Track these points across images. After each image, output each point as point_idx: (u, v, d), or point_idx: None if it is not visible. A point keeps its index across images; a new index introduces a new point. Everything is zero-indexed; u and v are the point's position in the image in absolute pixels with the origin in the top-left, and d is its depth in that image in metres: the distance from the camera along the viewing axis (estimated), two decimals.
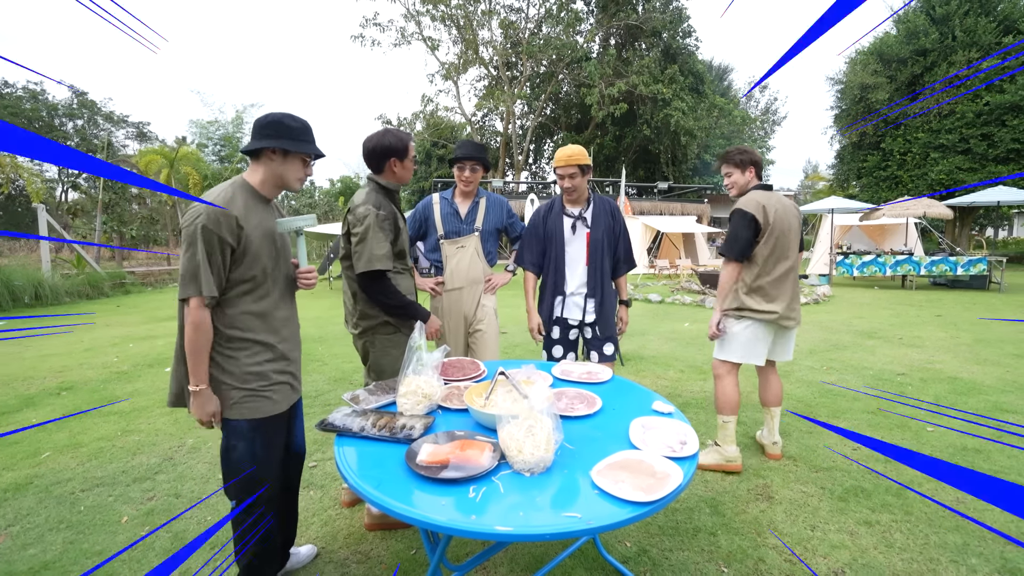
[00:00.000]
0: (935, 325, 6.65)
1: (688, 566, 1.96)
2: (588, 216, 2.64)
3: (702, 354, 5.20)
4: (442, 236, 2.68)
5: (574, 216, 2.64)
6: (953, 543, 2.07)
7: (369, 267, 1.99)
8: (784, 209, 2.61)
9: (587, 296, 2.63)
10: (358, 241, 2.01)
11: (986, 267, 10.26)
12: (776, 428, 2.83)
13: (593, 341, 2.70)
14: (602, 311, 2.64)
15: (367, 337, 2.19)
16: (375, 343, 2.18)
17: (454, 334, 2.68)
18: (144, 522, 2.31)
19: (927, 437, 3.07)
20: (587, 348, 2.74)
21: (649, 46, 26.03)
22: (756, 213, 2.53)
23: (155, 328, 7.03)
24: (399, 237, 2.15)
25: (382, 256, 2.00)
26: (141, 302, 10.27)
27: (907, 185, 17.69)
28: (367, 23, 25.29)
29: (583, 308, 2.64)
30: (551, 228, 2.65)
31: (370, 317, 2.14)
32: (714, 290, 10.20)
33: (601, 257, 2.62)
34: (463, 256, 2.65)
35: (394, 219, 2.11)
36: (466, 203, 2.71)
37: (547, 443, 1.31)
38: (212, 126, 18.80)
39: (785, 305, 2.60)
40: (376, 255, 1.99)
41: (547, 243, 2.67)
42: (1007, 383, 4.07)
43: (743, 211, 2.56)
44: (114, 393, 4.16)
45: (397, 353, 2.10)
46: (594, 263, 2.62)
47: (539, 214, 2.72)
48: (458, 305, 2.67)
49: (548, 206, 2.71)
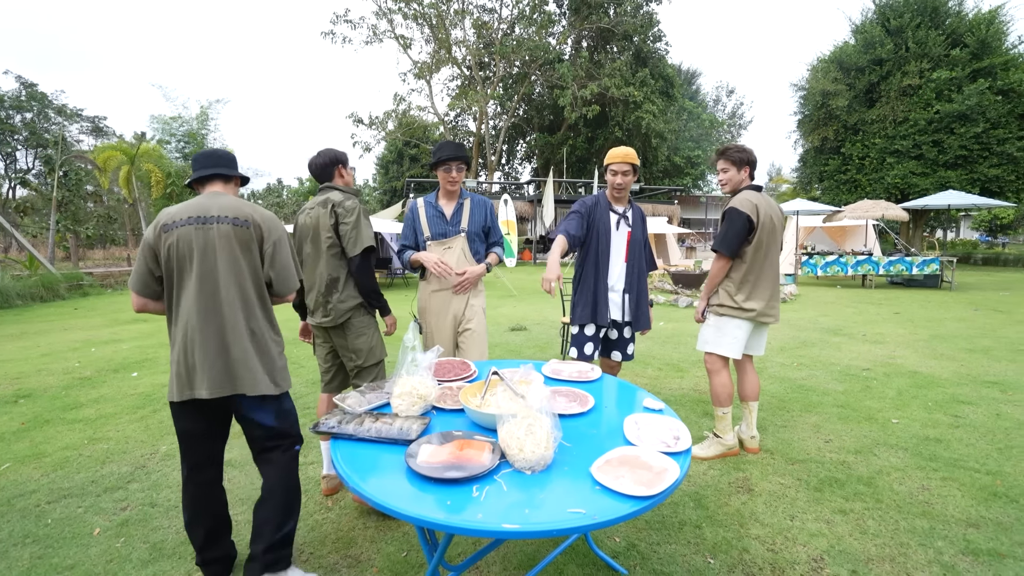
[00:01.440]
0: (894, 322, 6.98)
1: (676, 558, 2.01)
2: (630, 216, 2.77)
3: (678, 352, 5.32)
4: (429, 238, 2.68)
5: (619, 213, 2.75)
6: (921, 528, 2.18)
7: (365, 244, 2.31)
8: (771, 210, 2.72)
9: (624, 291, 2.75)
10: (352, 228, 2.30)
11: (938, 267, 10.83)
12: (754, 422, 2.93)
13: (620, 342, 2.84)
14: (638, 310, 2.79)
15: (343, 320, 2.38)
16: (351, 326, 2.40)
17: (444, 333, 2.67)
18: (119, 533, 2.22)
19: (892, 428, 3.23)
20: (611, 348, 2.85)
21: (620, 50, 26.44)
22: (751, 213, 2.64)
23: (119, 331, 6.74)
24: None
25: (369, 236, 2.35)
26: (100, 304, 9.83)
27: (865, 188, 18.49)
28: (338, 19, 24.87)
29: (621, 306, 2.75)
30: (597, 219, 2.72)
31: (351, 299, 2.39)
32: (687, 289, 10.45)
33: (639, 256, 2.79)
34: (450, 257, 2.64)
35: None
36: (451, 204, 2.70)
37: (547, 441, 1.32)
38: (175, 122, 18.09)
39: (765, 303, 2.72)
40: (368, 235, 2.34)
41: (590, 232, 2.73)
42: (962, 376, 4.32)
43: (739, 210, 2.66)
44: (78, 400, 3.98)
45: (370, 333, 2.45)
46: (632, 261, 2.76)
47: (585, 204, 2.76)
48: (447, 305, 2.67)
49: (594, 200, 2.77)
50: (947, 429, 3.20)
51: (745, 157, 2.75)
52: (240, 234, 1.77)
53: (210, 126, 18.79)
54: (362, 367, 2.44)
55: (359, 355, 2.42)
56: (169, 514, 2.37)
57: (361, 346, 2.42)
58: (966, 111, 16.17)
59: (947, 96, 16.74)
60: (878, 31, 18.15)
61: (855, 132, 19.02)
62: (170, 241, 1.72)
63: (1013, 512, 2.29)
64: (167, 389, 1.81)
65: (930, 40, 17.10)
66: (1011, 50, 17.12)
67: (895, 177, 17.63)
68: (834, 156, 19.72)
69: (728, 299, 2.76)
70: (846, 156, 19.21)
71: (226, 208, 1.77)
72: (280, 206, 37.42)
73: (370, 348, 2.44)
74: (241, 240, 1.77)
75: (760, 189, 2.78)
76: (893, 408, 3.58)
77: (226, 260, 1.74)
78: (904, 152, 17.57)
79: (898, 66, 17.73)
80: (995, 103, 15.95)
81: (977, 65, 16.50)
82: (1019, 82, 15.87)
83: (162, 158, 17.36)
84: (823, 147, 20.15)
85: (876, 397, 3.81)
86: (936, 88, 16.84)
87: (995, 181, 16.48)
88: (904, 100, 17.56)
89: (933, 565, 1.95)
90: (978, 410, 3.52)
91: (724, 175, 2.80)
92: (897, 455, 2.86)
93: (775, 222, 2.74)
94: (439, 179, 2.66)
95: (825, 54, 20.00)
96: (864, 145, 18.61)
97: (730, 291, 2.76)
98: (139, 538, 2.19)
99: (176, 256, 1.72)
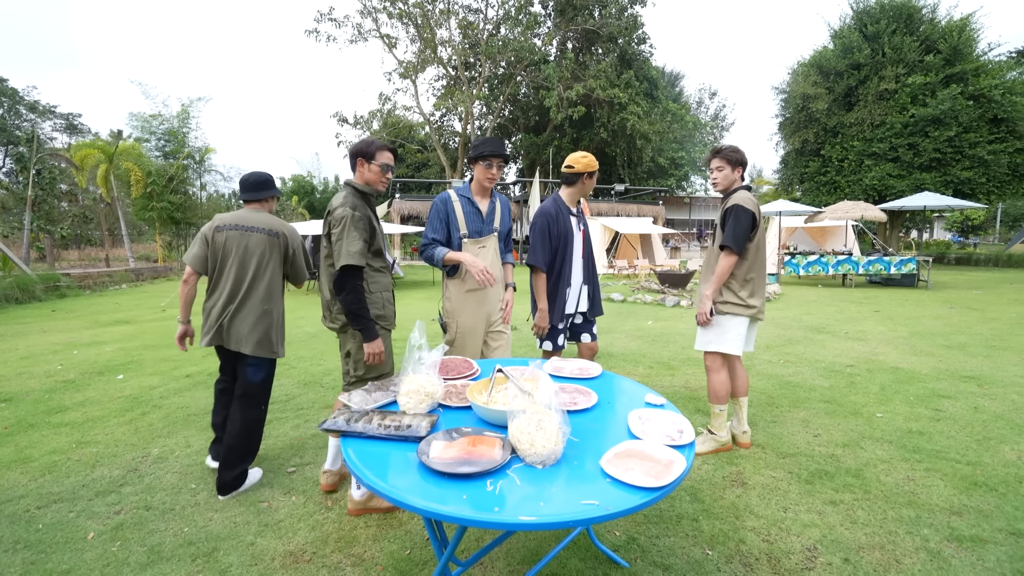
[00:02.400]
0: (875, 320, 7.17)
1: (675, 550, 2.06)
2: (580, 214, 2.95)
3: (667, 351, 5.40)
4: (465, 235, 2.59)
5: (575, 215, 2.91)
6: (907, 516, 2.26)
7: (343, 262, 2.14)
8: (759, 211, 2.80)
9: (583, 283, 2.92)
10: (336, 239, 2.20)
11: (915, 266, 11.14)
12: (745, 418, 3.00)
13: (584, 325, 3.01)
14: (593, 297, 2.98)
15: (347, 331, 2.32)
16: (356, 336, 2.30)
17: (474, 334, 2.63)
18: (114, 537, 2.19)
19: (877, 423, 3.33)
20: (579, 332, 3.02)
21: (605, 51, 26.62)
22: (755, 211, 2.73)
23: (101, 333, 6.59)
24: (375, 237, 2.32)
25: (355, 253, 2.16)
26: (79, 306, 9.59)
27: (844, 190, 18.92)
28: (322, 18, 24.61)
29: (577, 297, 2.92)
30: (563, 227, 2.84)
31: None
32: (673, 289, 10.57)
33: (591, 251, 2.98)
34: (485, 256, 2.62)
35: (368, 220, 2.28)
36: (485, 201, 2.68)
37: (557, 436, 1.35)
38: (155, 120, 17.71)
39: (762, 300, 2.83)
40: (350, 251, 2.15)
41: (558, 243, 2.82)
42: (941, 372, 4.46)
43: (745, 208, 2.70)
44: (62, 403, 3.89)
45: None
46: (587, 256, 2.94)
47: (550, 215, 2.82)
48: (483, 304, 2.64)
49: (554, 207, 2.84)
50: (929, 422, 3.31)
51: (738, 157, 2.80)
52: (272, 242, 2.54)
53: (191, 124, 18.45)
54: (362, 377, 2.34)
55: (357, 367, 2.33)
56: (165, 517, 2.33)
57: (361, 357, 2.32)
58: (940, 115, 16.65)
59: (922, 100, 17.22)
60: (856, 36, 18.59)
61: (834, 135, 19.45)
62: (220, 239, 2.49)
63: (993, 500, 2.39)
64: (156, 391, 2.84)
65: (905, 46, 17.57)
66: (981, 56, 17.68)
67: (873, 179, 18.07)
68: (814, 158, 20.13)
69: (733, 296, 2.80)
70: (826, 158, 19.63)
71: (262, 222, 2.55)
72: None
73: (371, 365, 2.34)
74: (271, 246, 2.54)
75: (749, 188, 2.85)
76: (877, 403, 3.69)
77: (256, 259, 2.50)
78: (881, 154, 18.02)
79: (875, 71, 18.17)
80: (967, 108, 16.44)
81: (950, 71, 17.00)
82: (989, 88, 16.39)
83: (142, 157, 16.98)
84: (804, 149, 20.56)
85: (860, 392, 3.92)
86: (911, 93, 17.31)
87: (967, 183, 16.99)
88: (881, 104, 18.01)
89: (920, 552, 2.02)
90: (957, 404, 3.65)
91: (719, 174, 2.83)
92: (883, 448, 2.95)
93: (762, 220, 2.84)
94: (477, 174, 2.57)
95: (805, 58, 20.40)
96: (843, 147, 19.03)
97: (734, 289, 2.81)
98: (136, 541, 2.16)
99: (223, 249, 2.50)
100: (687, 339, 5.95)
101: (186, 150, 17.99)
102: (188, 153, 18.06)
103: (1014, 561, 1.95)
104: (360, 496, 2.28)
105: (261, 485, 2.61)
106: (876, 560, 1.98)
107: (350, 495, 2.31)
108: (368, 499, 2.29)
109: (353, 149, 2.31)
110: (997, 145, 16.46)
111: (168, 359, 5.19)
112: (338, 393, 3.83)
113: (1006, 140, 16.53)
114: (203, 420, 3.50)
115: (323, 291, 2.39)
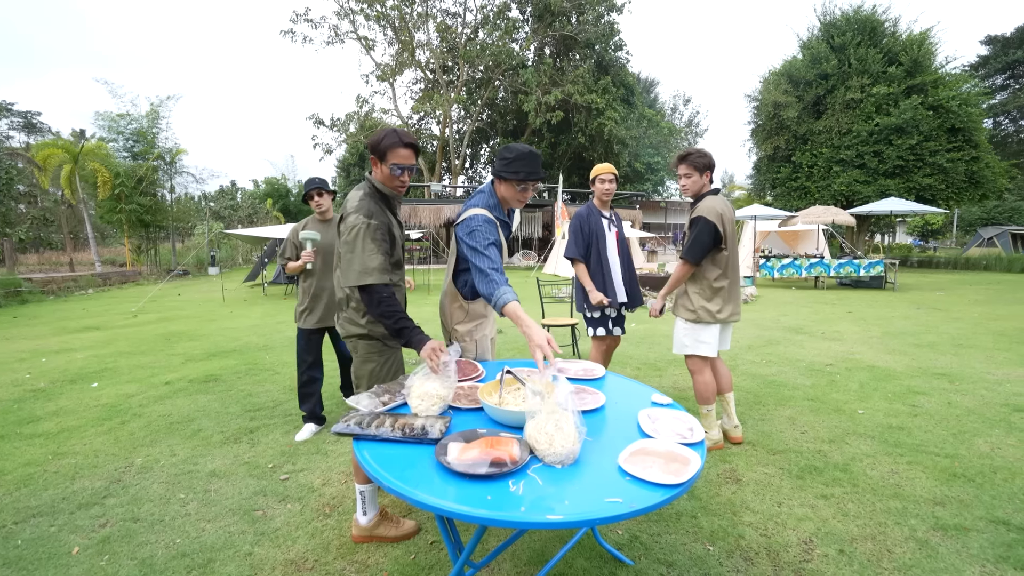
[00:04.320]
0: (848, 321, 7.42)
1: (677, 547, 2.09)
2: (615, 219, 3.44)
3: (654, 352, 5.48)
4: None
5: (607, 217, 3.40)
6: (895, 508, 2.35)
7: (361, 281, 1.85)
8: (730, 214, 2.87)
9: (622, 278, 3.38)
10: (347, 251, 1.89)
11: (883, 269, 11.58)
12: (734, 412, 3.09)
13: (619, 319, 3.46)
14: (632, 290, 3.42)
15: (352, 342, 2.09)
16: (357, 349, 2.09)
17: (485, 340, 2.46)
18: (101, 551, 2.10)
19: (859, 418, 3.45)
20: (614, 325, 3.44)
21: (583, 57, 26.95)
22: (717, 223, 2.76)
23: (70, 340, 6.33)
24: (395, 247, 2.04)
25: (374, 269, 1.85)
26: (43, 312, 9.19)
27: (814, 195, 19.53)
28: (298, 18, 24.28)
29: (622, 289, 3.38)
30: (593, 226, 3.34)
31: (355, 323, 2.03)
32: (654, 292, 10.73)
33: (626, 250, 3.44)
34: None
35: (388, 228, 1.97)
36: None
37: (575, 436, 1.36)
38: (123, 119, 17.10)
39: (734, 305, 2.93)
40: (369, 267, 1.85)
41: (590, 239, 3.34)
42: (914, 369, 4.65)
43: (707, 220, 2.76)
44: (33, 413, 3.72)
45: (379, 361, 2.06)
46: (623, 254, 3.41)
47: (581, 216, 3.37)
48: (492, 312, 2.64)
49: (587, 211, 3.39)
50: (907, 418, 3.45)
51: (705, 162, 2.84)
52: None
53: (162, 124, 17.87)
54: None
55: (359, 381, 2.08)
56: (155, 528, 2.26)
57: (364, 373, 2.07)
58: (902, 124, 17.37)
59: (885, 110, 17.93)
60: (823, 47, 19.26)
61: (804, 142, 20.08)
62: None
63: (971, 490, 2.50)
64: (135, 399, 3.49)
65: (869, 57, 18.30)
66: (939, 69, 18.54)
67: (841, 184, 18.71)
68: (785, 164, 20.74)
69: (702, 309, 2.89)
70: (796, 164, 20.24)
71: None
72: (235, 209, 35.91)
73: (373, 380, 2.05)
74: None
75: (718, 192, 2.92)
76: (857, 400, 3.82)
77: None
78: (849, 161, 18.69)
79: (842, 81, 18.86)
80: (927, 117, 17.20)
81: (911, 82, 17.76)
82: (947, 99, 17.19)
83: (109, 157, 16.38)
84: (775, 155, 21.16)
85: (841, 390, 4.06)
86: (876, 102, 18.02)
87: (928, 189, 17.76)
88: (848, 113, 18.69)
89: (909, 541, 2.10)
90: (932, 399, 3.81)
91: (687, 180, 2.88)
92: (866, 443, 3.06)
93: (732, 225, 2.88)
94: (507, 193, 2.12)
95: (776, 67, 21.04)
96: (813, 154, 19.67)
97: (704, 300, 2.89)
98: (125, 555, 2.08)
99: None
100: (671, 341, 6.04)
101: (156, 151, 17.43)
102: (158, 154, 17.51)
103: (996, 547, 2.05)
104: (367, 522, 2.13)
105: (254, 493, 2.55)
106: (869, 551, 2.05)
107: (355, 520, 2.15)
108: (374, 527, 2.14)
109: (368, 143, 2.02)
110: (955, 153, 17.26)
111: (145, 366, 5.01)
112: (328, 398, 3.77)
113: (963, 149, 17.35)
114: (187, 428, 3.40)
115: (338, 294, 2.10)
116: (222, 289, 12.08)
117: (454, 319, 2.27)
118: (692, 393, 3.94)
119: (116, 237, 25.79)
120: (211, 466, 2.85)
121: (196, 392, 4.16)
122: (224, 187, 40.76)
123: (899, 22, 19.12)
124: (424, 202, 21.05)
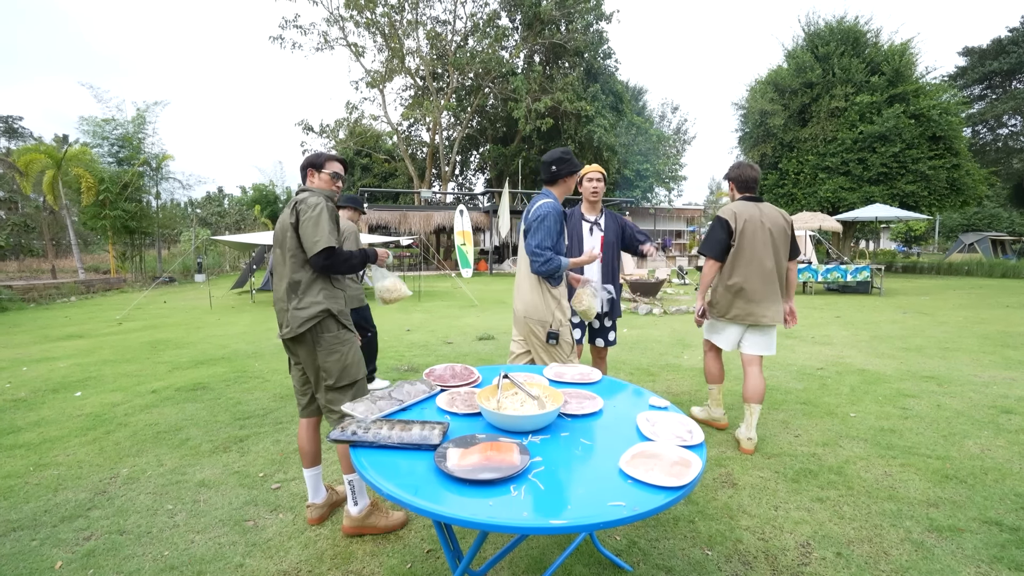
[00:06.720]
0: (837, 325, 7.50)
1: (675, 552, 2.08)
2: (602, 223, 3.26)
3: (646, 357, 5.48)
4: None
5: (591, 221, 3.24)
6: (890, 510, 2.36)
7: (329, 242, 2.02)
8: (758, 218, 2.92)
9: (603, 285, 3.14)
10: (313, 224, 2.02)
11: (869, 274, 11.75)
12: (754, 424, 3.00)
13: (602, 330, 3.31)
14: (613, 302, 3.19)
15: (303, 331, 2.06)
16: (321, 342, 2.09)
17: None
18: (85, 565, 2.04)
19: (851, 421, 3.47)
20: (595, 336, 3.32)
21: (572, 65, 27.15)
22: (729, 218, 2.95)
23: (52, 349, 6.19)
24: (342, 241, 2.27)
25: (330, 235, 2.05)
26: (24, 320, 8.99)
27: (801, 202, 19.83)
28: (287, 24, 24.21)
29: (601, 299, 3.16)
30: (571, 228, 3.22)
31: (314, 303, 2.07)
32: (644, 297, 10.78)
33: (612, 257, 3.22)
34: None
35: (339, 220, 2.21)
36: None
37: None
38: (108, 124, 16.86)
39: (756, 305, 2.94)
40: (326, 232, 2.04)
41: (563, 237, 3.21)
42: (903, 372, 4.70)
43: (718, 216, 3.00)
44: (14, 424, 3.62)
45: (344, 351, 2.14)
46: (606, 261, 3.22)
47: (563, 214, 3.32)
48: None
49: (570, 211, 3.23)
50: (898, 420, 3.48)
51: (728, 175, 3.13)
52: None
53: (148, 130, 17.63)
54: (333, 387, 2.13)
55: (329, 374, 2.11)
56: (142, 541, 2.19)
57: (331, 365, 2.11)
58: (885, 132, 17.73)
59: (869, 118, 18.29)
60: (808, 57, 19.64)
61: (790, 149, 20.40)
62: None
63: (964, 492, 2.52)
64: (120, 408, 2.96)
65: (853, 67, 18.69)
66: (920, 79, 18.98)
67: (827, 191, 19.02)
68: (772, 171, 21.04)
69: (718, 304, 3.11)
70: (783, 171, 20.55)
71: None
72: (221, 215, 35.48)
73: (343, 367, 2.13)
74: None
75: (756, 200, 3.01)
76: (849, 403, 3.85)
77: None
78: (834, 168, 19.01)
79: (826, 89, 19.22)
80: (909, 126, 17.57)
81: (893, 91, 18.15)
82: (927, 108, 17.59)
83: (93, 163, 16.13)
84: (762, 162, 21.44)
85: (832, 394, 4.09)
86: (859, 111, 18.38)
87: (911, 196, 18.11)
88: (832, 121, 19.03)
89: (905, 543, 2.11)
90: (921, 402, 3.85)
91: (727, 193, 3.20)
92: (859, 445, 3.08)
93: (764, 227, 2.91)
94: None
95: (762, 76, 21.39)
96: (799, 161, 19.98)
97: (717, 297, 3.10)
98: (110, 569, 2.02)
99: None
100: (663, 346, 6.07)
101: (142, 156, 17.20)
102: (144, 160, 17.27)
103: (990, 548, 2.06)
104: (358, 512, 2.17)
105: (245, 503, 2.49)
106: (866, 553, 2.05)
107: (346, 511, 2.19)
108: (366, 516, 2.18)
109: (303, 162, 2.26)
110: (936, 161, 17.63)
111: (130, 374, 4.91)
112: None
113: (944, 156, 17.74)
114: (174, 437, 3.32)
115: (278, 297, 2.14)
116: (209, 296, 11.91)
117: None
118: (685, 398, 3.98)
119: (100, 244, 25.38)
120: (200, 476, 2.78)
121: (184, 400, 4.08)
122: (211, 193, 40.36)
123: (881, 33, 19.58)
124: (414, 209, 20.98)
